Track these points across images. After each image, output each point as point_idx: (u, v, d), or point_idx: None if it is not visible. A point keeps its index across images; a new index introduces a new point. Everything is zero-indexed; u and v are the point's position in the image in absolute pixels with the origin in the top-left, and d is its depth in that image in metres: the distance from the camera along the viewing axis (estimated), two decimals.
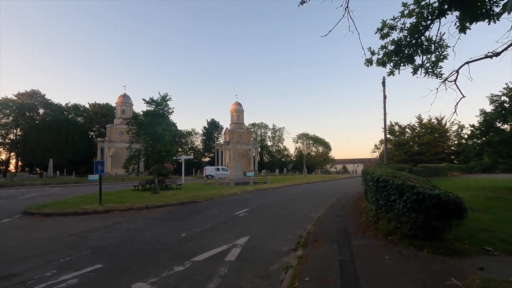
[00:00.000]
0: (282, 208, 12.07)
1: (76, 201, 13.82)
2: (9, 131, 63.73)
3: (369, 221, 8.12)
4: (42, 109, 67.96)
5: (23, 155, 56.52)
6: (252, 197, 16.23)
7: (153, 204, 12.10)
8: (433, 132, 79.87)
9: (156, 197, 14.84)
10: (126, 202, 12.82)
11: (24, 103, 64.28)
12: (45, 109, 67.75)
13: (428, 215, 5.74)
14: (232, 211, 11.11)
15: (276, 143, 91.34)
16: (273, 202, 14.21)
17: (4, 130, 62.39)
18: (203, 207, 12.28)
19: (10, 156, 64.24)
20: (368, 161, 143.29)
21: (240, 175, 29.23)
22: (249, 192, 18.97)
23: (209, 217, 9.91)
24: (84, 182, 41.47)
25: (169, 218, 9.76)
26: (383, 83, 23.12)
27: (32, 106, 65.63)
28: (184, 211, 11.23)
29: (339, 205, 12.66)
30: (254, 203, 13.53)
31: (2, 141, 62.57)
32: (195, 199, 13.98)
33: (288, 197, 16.20)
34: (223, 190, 18.85)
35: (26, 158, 56.14)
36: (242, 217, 9.98)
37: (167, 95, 18.25)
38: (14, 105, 62.95)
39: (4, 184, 39.21)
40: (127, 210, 11.09)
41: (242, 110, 72.03)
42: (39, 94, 67.06)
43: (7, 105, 62.02)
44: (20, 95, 64.86)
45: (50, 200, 15.54)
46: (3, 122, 62.31)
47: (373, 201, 8.17)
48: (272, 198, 15.64)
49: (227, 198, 15.70)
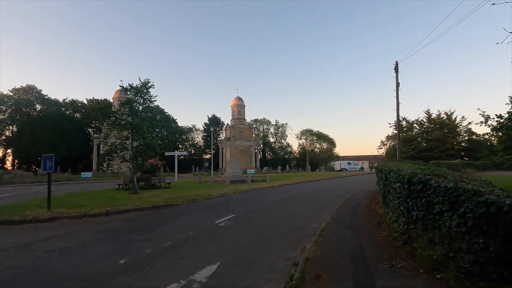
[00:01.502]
0: (277, 214, 9.66)
1: (33, 204, 11.57)
2: (5, 127, 62.20)
3: (395, 240, 5.68)
4: (39, 105, 66.34)
5: (17, 152, 54.97)
6: (244, 199, 13.86)
7: (117, 208, 9.79)
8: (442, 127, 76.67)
9: (130, 199, 12.56)
10: (88, 205, 10.54)
11: (20, 99, 62.66)
12: (42, 105, 66.10)
13: (508, 240, 3.35)
14: (212, 219, 8.74)
15: (279, 140, 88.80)
16: (268, 205, 11.82)
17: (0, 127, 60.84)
18: (179, 212, 9.92)
19: (7, 153, 62.80)
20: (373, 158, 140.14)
21: (237, 172, 26.88)
22: (243, 192, 16.59)
23: (178, 229, 7.55)
24: (76, 179, 39.72)
25: (124, 230, 7.41)
26: (395, 68, 20.48)
27: (28, 102, 64.01)
28: (150, 219, 8.87)
29: (349, 210, 10.21)
30: (244, 207, 11.15)
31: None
32: (174, 202, 11.64)
33: (286, 199, 13.79)
34: (213, 190, 16.52)
35: (21, 155, 54.59)
36: (222, 228, 7.60)
37: (149, 81, 15.90)
38: (10, 101, 61.37)
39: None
40: (80, 217, 8.80)
41: (243, 105, 69.57)
42: (35, 89, 65.41)
43: (2, 101, 60.47)
44: (15, 91, 63.26)
45: (16, 200, 13.41)
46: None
47: (400, 210, 5.71)
48: (267, 200, 13.25)
49: (214, 199, 13.34)
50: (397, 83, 20.48)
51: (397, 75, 20.50)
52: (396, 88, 20.53)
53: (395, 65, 20.48)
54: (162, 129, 78.71)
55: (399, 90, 20.51)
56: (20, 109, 62.22)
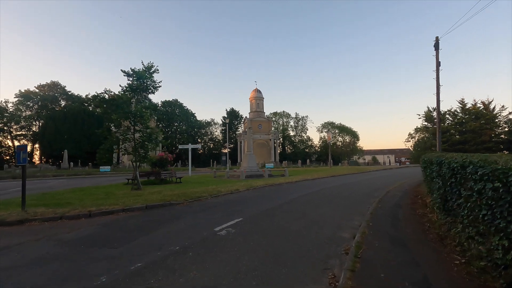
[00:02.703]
0: (294, 219, 7.64)
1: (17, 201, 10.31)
2: (32, 123, 64.47)
3: (484, 273, 3.50)
4: (63, 101, 68.13)
5: (42, 147, 56.69)
6: (257, 197, 11.94)
7: (103, 208, 8.20)
8: (478, 118, 70.34)
9: (127, 196, 11.06)
10: (74, 204, 9.10)
11: (45, 95, 64.55)
12: (66, 100, 67.82)
13: None
14: (212, 224, 6.90)
15: (299, 133, 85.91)
16: (284, 205, 9.82)
17: (27, 122, 63.09)
18: (175, 214, 8.18)
19: (34, 147, 65.18)
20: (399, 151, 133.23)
21: (253, 166, 25.02)
22: (257, 188, 14.67)
23: (163, 240, 5.76)
24: (94, 173, 39.84)
25: (93, 241, 5.69)
26: (435, 45, 17.43)
27: (53, 98, 65.85)
28: (135, 224, 7.14)
29: (387, 214, 7.99)
30: (255, 208, 9.23)
31: (25, 133, 63.42)
32: (173, 200, 9.92)
33: (306, 197, 11.71)
34: (225, 186, 14.75)
35: (45, 149, 56.22)
36: (220, 240, 5.71)
37: (152, 65, 14.28)
38: (36, 98, 63.38)
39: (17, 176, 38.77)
40: (55, 220, 7.30)
41: (262, 97, 67.36)
42: (59, 86, 67.11)
43: (29, 97, 62.57)
44: (41, 87, 65.23)
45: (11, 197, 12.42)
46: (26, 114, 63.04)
47: (494, 226, 3.50)
48: (284, 199, 11.23)
49: (221, 198, 11.52)
50: (438, 63, 17.44)
51: (438, 54, 17.45)
52: (437, 68, 17.49)
53: (435, 42, 17.43)
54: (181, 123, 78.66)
55: (439, 71, 17.47)
56: (46, 105, 64.11)
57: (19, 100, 61.52)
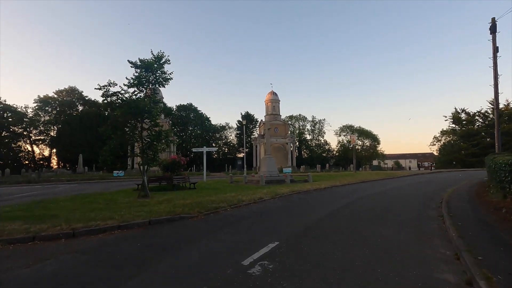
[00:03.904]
0: (351, 244, 5.39)
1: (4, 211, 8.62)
2: (50, 128, 65.19)
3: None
4: (81, 106, 68.68)
5: (59, 151, 56.96)
6: (286, 208, 9.73)
7: (93, 225, 6.17)
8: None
9: (130, 206, 9.13)
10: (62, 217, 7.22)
11: (63, 101, 65.23)
12: (84, 106, 68.33)
13: None
14: (238, 253, 4.76)
15: (316, 137, 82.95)
16: (325, 220, 7.56)
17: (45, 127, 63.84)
18: (186, 234, 6.09)
19: (52, 152, 65.81)
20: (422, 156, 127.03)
21: (273, 171, 22.81)
22: (283, 196, 12.44)
23: (164, 284, 3.67)
24: (108, 178, 38.95)
25: (57, 285, 3.70)
26: (492, 27, 14.76)
27: (71, 103, 66.46)
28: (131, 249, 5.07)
29: (488, 237, 5.58)
30: (290, 224, 7.04)
31: (43, 138, 64.16)
32: (185, 213, 7.85)
33: (349, 208, 9.39)
34: (245, 193, 12.62)
35: (62, 154, 56.41)
36: (254, 285, 3.56)
37: (163, 54, 12.50)
38: (54, 103, 64.13)
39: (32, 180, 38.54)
40: (25, 242, 5.37)
41: (278, 100, 65.20)
42: (76, 91, 67.76)
43: (47, 103, 63.38)
44: (59, 92, 66.03)
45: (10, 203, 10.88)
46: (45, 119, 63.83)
47: None
48: (323, 211, 8.96)
49: (244, 209, 9.38)
50: (495, 48, 14.72)
51: (495, 38, 14.75)
52: (493, 54, 14.77)
53: (491, 24, 14.76)
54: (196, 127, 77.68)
55: (497, 58, 14.75)
56: (64, 110, 64.73)
57: (38, 105, 62.38)
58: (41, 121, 63.14)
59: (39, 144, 64.41)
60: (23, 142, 62.32)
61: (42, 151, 66.19)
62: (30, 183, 35.08)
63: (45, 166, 60.18)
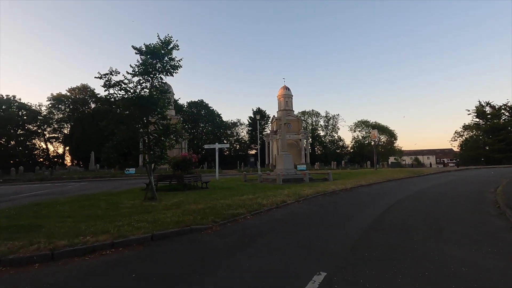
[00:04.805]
0: (427, 275, 3.78)
1: None
2: (64, 126, 65.63)
3: None
4: (93, 103, 68.80)
5: (71, 148, 57.15)
6: (316, 214, 8.13)
7: (79, 243, 4.68)
8: None
9: (137, 212, 7.75)
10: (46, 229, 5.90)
11: (76, 98, 65.46)
12: (96, 103, 68.40)
13: None
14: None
15: (330, 133, 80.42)
16: (372, 232, 5.93)
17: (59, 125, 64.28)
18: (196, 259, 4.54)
19: (65, 149, 66.32)
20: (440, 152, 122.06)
21: (290, 169, 21.20)
22: (308, 199, 10.82)
23: None
24: (119, 176, 38.34)
25: None
26: None
27: (83, 101, 66.65)
28: (121, 285, 3.69)
29: None
30: (330, 239, 5.47)
31: (57, 136, 64.66)
32: (196, 224, 6.33)
33: (393, 213, 7.73)
34: (264, 195, 11.08)
35: (74, 151, 56.56)
36: None
37: (171, 39, 11.06)
38: (68, 101, 64.44)
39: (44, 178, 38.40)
40: None
41: (291, 95, 63.17)
42: (88, 88, 67.84)
43: (60, 101, 63.74)
44: (72, 90, 66.26)
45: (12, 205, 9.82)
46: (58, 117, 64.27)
47: None
48: (363, 219, 7.31)
49: (266, 216, 7.83)
50: None
51: None
52: None
53: None
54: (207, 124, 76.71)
55: None
56: (76, 108, 64.97)
57: (52, 103, 62.78)
58: (54, 119, 63.60)
59: (53, 142, 64.99)
60: (38, 139, 62.99)
61: (56, 149, 66.82)
62: (42, 180, 34.80)
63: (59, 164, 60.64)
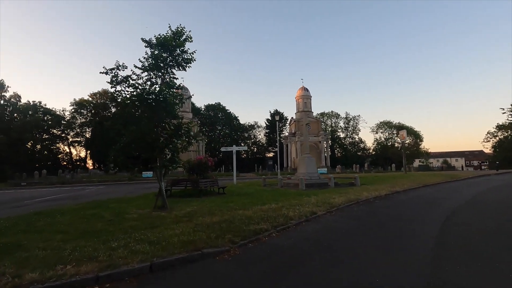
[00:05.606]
0: None
1: None
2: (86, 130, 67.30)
3: None
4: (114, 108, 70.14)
5: (92, 152, 58.24)
6: (359, 231, 6.59)
7: (53, 278, 3.46)
8: None
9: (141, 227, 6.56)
10: (24, 252, 4.80)
11: (97, 103, 67.01)
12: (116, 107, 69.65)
13: None
14: None
15: (350, 134, 77.41)
16: (443, 260, 4.36)
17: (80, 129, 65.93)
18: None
19: (87, 153, 67.92)
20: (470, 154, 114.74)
21: (313, 173, 19.58)
22: (340, 209, 9.25)
23: None
24: (137, 179, 38.14)
25: None
26: None
27: (104, 105, 68.12)
28: None
29: None
30: (389, 274, 3.97)
31: (79, 140, 66.35)
32: (210, 246, 5.00)
33: (455, 231, 6.05)
34: (289, 203, 9.61)
35: (95, 155, 57.59)
36: None
37: (183, 30, 9.96)
38: (89, 106, 66.09)
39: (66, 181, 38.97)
40: None
41: (310, 96, 61.24)
42: (109, 93, 69.25)
43: (83, 105, 65.47)
44: (93, 95, 67.95)
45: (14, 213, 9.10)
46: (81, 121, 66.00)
47: None
48: (420, 237, 5.70)
49: (295, 234, 6.33)
50: None
51: None
52: None
53: None
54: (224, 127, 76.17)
55: None
56: (97, 112, 66.46)
57: (74, 108, 64.56)
58: (77, 123, 65.35)
59: (76, 146, 66.72)
60: (62, 143, 64.92)
61: (78, 153, 68.55)
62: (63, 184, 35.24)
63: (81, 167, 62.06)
